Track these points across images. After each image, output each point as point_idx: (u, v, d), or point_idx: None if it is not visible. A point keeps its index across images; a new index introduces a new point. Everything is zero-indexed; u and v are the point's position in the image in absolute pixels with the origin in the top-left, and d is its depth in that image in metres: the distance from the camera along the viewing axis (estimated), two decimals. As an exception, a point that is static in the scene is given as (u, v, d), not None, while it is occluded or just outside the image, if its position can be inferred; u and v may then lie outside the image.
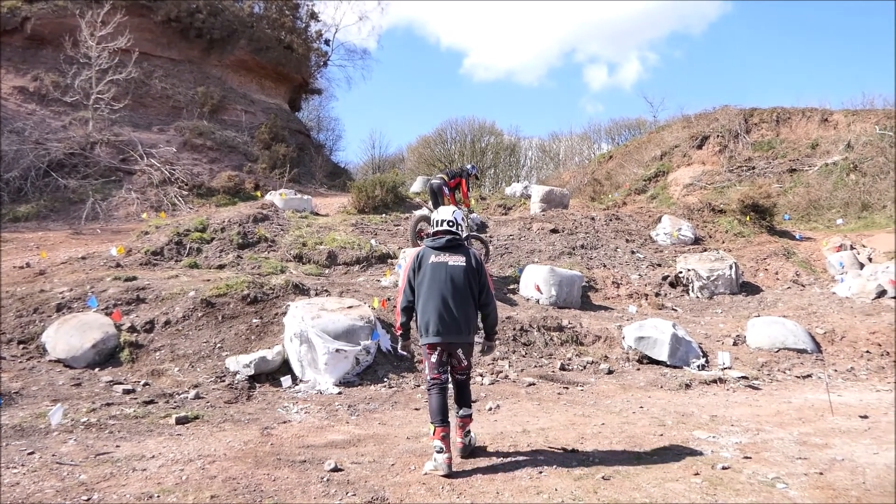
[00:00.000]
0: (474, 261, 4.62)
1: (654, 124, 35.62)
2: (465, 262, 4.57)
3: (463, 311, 4.51)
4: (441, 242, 4.64)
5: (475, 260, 4.64)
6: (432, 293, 4.51)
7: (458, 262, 4.56)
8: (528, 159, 45.44)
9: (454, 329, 4.47)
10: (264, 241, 12.49)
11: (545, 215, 16.71)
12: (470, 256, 4.62)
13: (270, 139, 22.63)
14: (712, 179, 22.86)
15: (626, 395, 7.01)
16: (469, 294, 4.55)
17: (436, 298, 4.49)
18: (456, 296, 4.50)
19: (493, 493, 3.92)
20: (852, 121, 23.93)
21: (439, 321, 4.46)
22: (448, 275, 4.53)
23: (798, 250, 15.56)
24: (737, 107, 26.62)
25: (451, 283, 4.51)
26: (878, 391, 7.44)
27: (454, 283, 4.51)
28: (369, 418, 5.81)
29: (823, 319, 10.45)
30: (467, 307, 4.54)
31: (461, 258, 4.58)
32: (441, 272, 4.54)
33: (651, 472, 4.32)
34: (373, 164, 43.34)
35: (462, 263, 4.56)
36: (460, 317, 4.49)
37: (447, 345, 4.52)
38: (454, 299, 4.49)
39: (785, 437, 5.31)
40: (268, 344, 7.33)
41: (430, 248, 4.67)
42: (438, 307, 4.47)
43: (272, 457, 4.53)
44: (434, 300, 4.49)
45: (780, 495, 3.91)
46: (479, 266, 4.63)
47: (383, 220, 15.40)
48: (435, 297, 4.49)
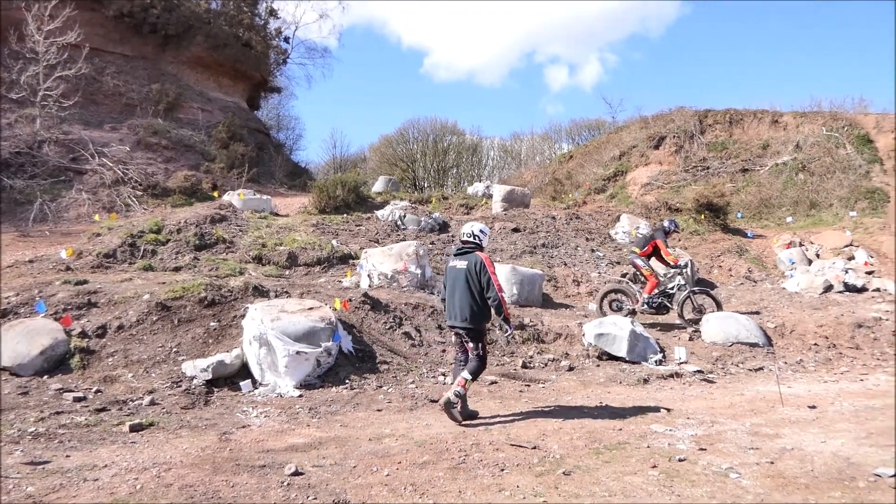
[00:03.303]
0: (474, 264, 5.66)
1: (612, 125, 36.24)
2: (465, 265, 5.70)
3: (462, 303, 5.64)
4: (457, 251, 5.97)
5: (475, 264, 5.66)
6: (447, 289, 5.86)
7: (461, 266, 5.73)
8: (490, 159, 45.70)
9: (458, 317, 5.67)
10: (222, 243, 12.26)
11: (507, 214, 16.84)
12: (471, 262, 5.70)
13: (228, 138, 22.20)
14: (669, 179, 23.38)
15: (587, 391, 7.12)
16: (468, 290, 5.63)
17: (449, 294, 5.81)
18: (460, 292, 5.67)
19: (456, 492, 3.93)
20: (801, 122, 24.79)
21: (449, 310, 5.81)
22: (455, 276, 5.77)
23: (750, 247, 16.05)
24: (692, 108, 27.28)
25: (457, 282, 5.72)
26: (825, 382, 7.73)
27: (458, 282, 5.70)
28: (331, 420, 5.75)
29: (774, 314, 10.80)
30: (468, 301, 5.62)
31: (464, 263, 5.73)
32: (452, 274, 5.81)
33: (610, 466, 4.40)
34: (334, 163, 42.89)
35: (464, 267, 5.71)
36: (461, 308, 5.64)
37: (451, 328, 5.90)
38: (458, 294, 5.68)
39: (738, 428, 5.47)
40: (226, 347, 7.19)
41: (453, 255, 6.02)
42: (450, 300, 5.79)
43: (231, 462, 4.44)
44: (448, 295, 5.82)
45: (733, 485, 4.02)
46: (480, 267, 5.63)
47: (345, 220, 15.28)
48: (449, 292, 5.82)
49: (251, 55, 26.18)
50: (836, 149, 22.54)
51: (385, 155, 41.57)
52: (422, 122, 41.35)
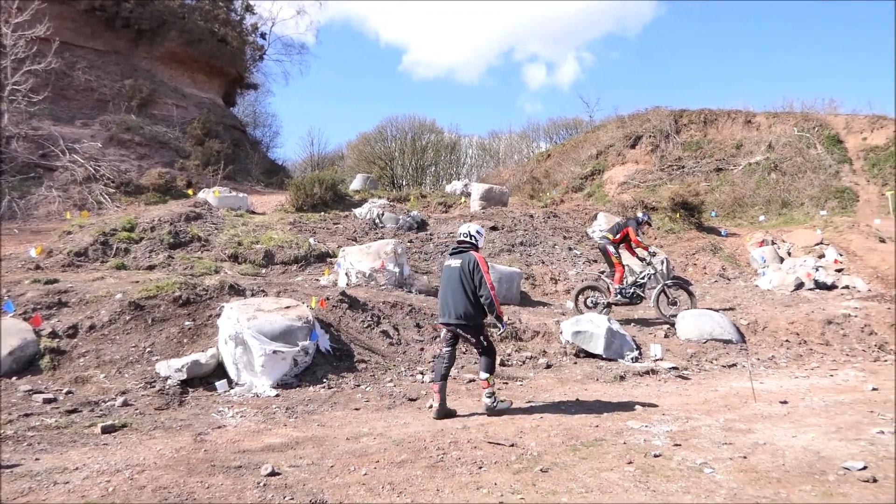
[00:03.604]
0: (467, 263, 5.81)
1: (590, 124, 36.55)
2: (459, 264, 5.86)
3: (456, 301, 5.78)
4: (453, 249, 6.12)
5: (468, 262, 5.81)
6: (442, 288, 5.99)
7: (456, 265, 5.88)
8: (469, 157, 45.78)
9: (452, 315, 5.79)
10: (197, 241, 12.10)
11: (485, 213, 16.88)
12: (465, 260, 5.84)
13: (203, 135, 21.89)
14: (645, 178, 23.65)
15: (564, 389, 7.16)
16: (462, 289, 5.77)
17: (443, 292, 5.95)
18: (454, 290, 5.81)
19: (434, 491, 3.93)
20: (773, 122, 25.25)
21: (442, 308, 5.92)
22: (449, 274, 5.90)
23: (724, 246, 16.31)
24: (668, 108, 27.65)
25: (450, 280, 5.86)
26: (796, 378, 7.88)
27: (452, 281, 5.84)
28: (308, 420, 5.71)
29: (747, 311, 10.98)
30: (461, 298, 5.76)
31: (458, 261, 5.88)
32: (447, 272, 5.96)
33: (587, 462, 4.43)
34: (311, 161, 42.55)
35: (457, 265, 5.87)
36: (454, 305, 5.78)
37: (444, 325, 5.94)
38: (452, 293, 5.82)
39: (712, 423, 5.55)
40: (201, 347, 7.10)
41: (448, 255, 6.15)
42: (443, 297, 5.94)
43: (206, 463, 4.38)
44: (442, 293, 5.97)
45: (707, 480, 4.08)
46: (473, 266, 5.77)
47: (322, 218, 15.19)
48: (443, 290, 5.96)
49: (227, 51, 25.83)
50: (807, 149, 23.01)
51: (363, 153, 41.39)
52: (400, 120, 41.28)
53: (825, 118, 24.88)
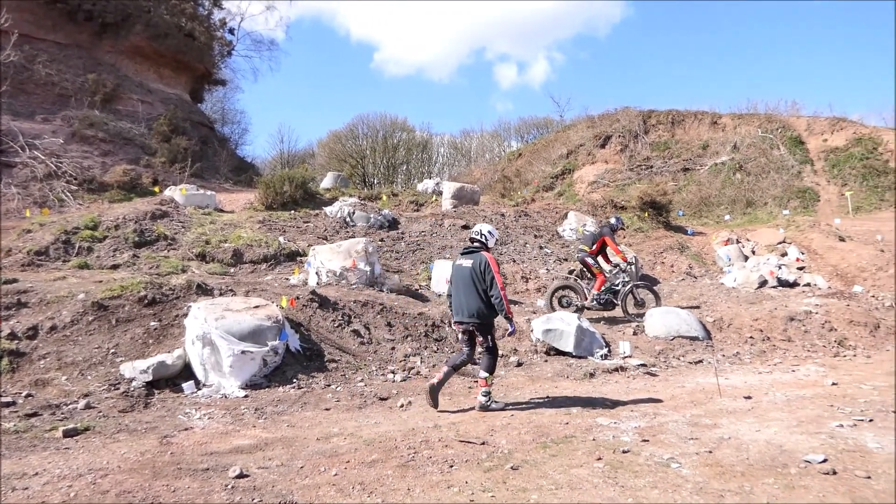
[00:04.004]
0: (479, 264, 5.92)
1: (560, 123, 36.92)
2: (471, 264, 5.96)
3: (469, 300, 5.91)
4: (465, 249, 6.25)
5: (480, 263, 5.92)
6: (453, 287, 6.14)
7: (466, 264, 6.00)
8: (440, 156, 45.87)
9: (465, 313, 5.94)
10: (164, 240, 11.87)
11: (456, 211, 16.89)
12: (476, 261, 5.95)
13: (170, 131, 21.43)
14: (614, 177, 23.97)
15: (535, 387, 7.21)
16: (474, 288, 5.89)
17: (455, 291, 6.08)
18: (466, 289, 5.94)
19: (405, 490, 3.92)
20: (738, 124, 25.81)
21: (455, 307, 6.08)
22: (461, 274, 6.02)
23: (691, 244, 16.60)
24: (636, 108, 28.10)
25: (462, 280, 5.98)
26: (760, 373, 8.07)
27: (464, 280, 5.96)
28: (277, 421, 5.65)
29: (713, 308, 11.20)
30: (473, 297, 5.89)
31: (469, 261, 6.00)
32: (458, 272, 6.07)
33: (557, 459, 4.47)
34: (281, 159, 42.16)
35: (469, 265, 5.97)
36: (467, 304, 5.92)
37: (458, 323, 6.06)
38: (464, 291, 5.96)
39: (679, 419, 5.65)
40: (168, 348, 6.96)
41: (459, 254, 6.28)
42: (455, 297, 6.07)
43: (172, 466, 4.30)
44: (455, 292, 6.10)
45: (674, 474, 4.14)
46: (484, 267, 5.88)
47: (292, 216, 15.03)
48: (455, 290, 6.09)
49: (194, 46, 25.34)
50: (770, 150, 23.59)
51: (334, 151, 41.12)
52: (371, 118, 41.13)
53: (788, 120, 25.56)
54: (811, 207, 20.23)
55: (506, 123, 45.09)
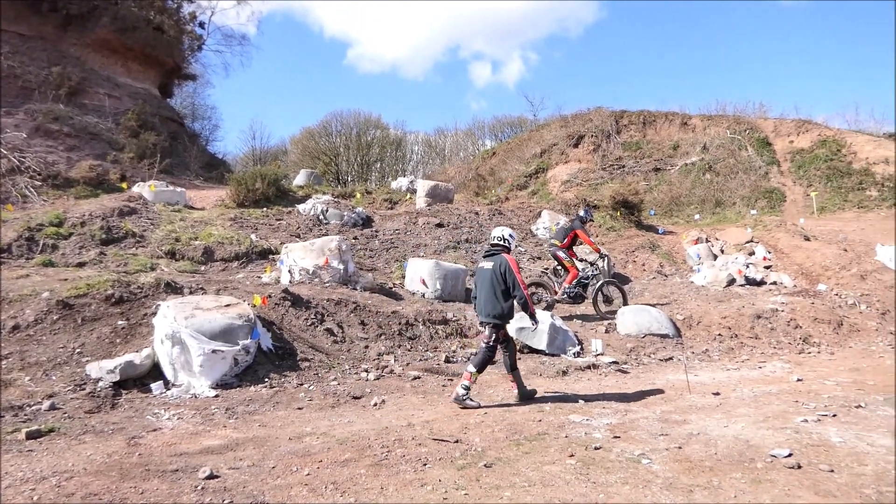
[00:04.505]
0: (499, 266, 6.23)
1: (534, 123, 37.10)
2: (492, 266, 6.29)
3: (489, 301, 6.21)
4: (486, 252, 6.57)
5: (500, 265, 6.23)
6: (476, 287, 6.47)
7: (488, 267, 6.32)
8: (415, 154, 45.75)
9: (484, 313, 6.25)
10: (132, 237, 11.63)
11: (431, 210, 16.87)
12: (497, 263, 6.27)
13: (138, 126, 20.99)
14: (587, 177, 24.18)
15: (508, 384, 7.22)
16: (493, 289, 6.19)
17: (477, 291, 6.42)
18: (486, 290, 6.25)
19: (378, 489, 3.90)
20: (707, 125, 26.26)
21: (478, 307, 6.42)
22: (482, 275, 6.36)
23: (662, 243, 16.84)
24: (609, 108, 28.37)
25: (483, 281, 6.30)
26: (728, 370, 8.23)
27: (485, 281, 6.28)
28: (249, 421, 5.58)
29: (683, 306, 11.39)
30: (493, 298, 6.18)
31: (490, 264, 6.32)
32: (481, 273, 6.41)
33: (530, 457, 4.50)
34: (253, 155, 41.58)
35: (490, 267, 6.30)
36: (486, 304, 6.23)
37: (482, 322, 6.39)
38: (485, 292, 6.26)
39: (649, 415, 5.73)
40: (136, 347, 6.82)
41: (482, 257, 6.63)
42: (477, 296, 6.41)
43: (140, 468, 4.22)
44: (477, 292, 6.43)
45: (644, 470, 4.20)
46: (505, 268, 6.19)
47: (264, 214, 14.85)
48: (477, 290, 6.43)
49: (163, 40, 24.83)
50: (738, 150, 24.05)
51: (307, 148, 40.75)
52: (345, 115, 40.86)
53: (755, 121, 26.09)
54: (778, 207, 20.69)
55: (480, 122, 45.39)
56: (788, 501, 3.68)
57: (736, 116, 26.76)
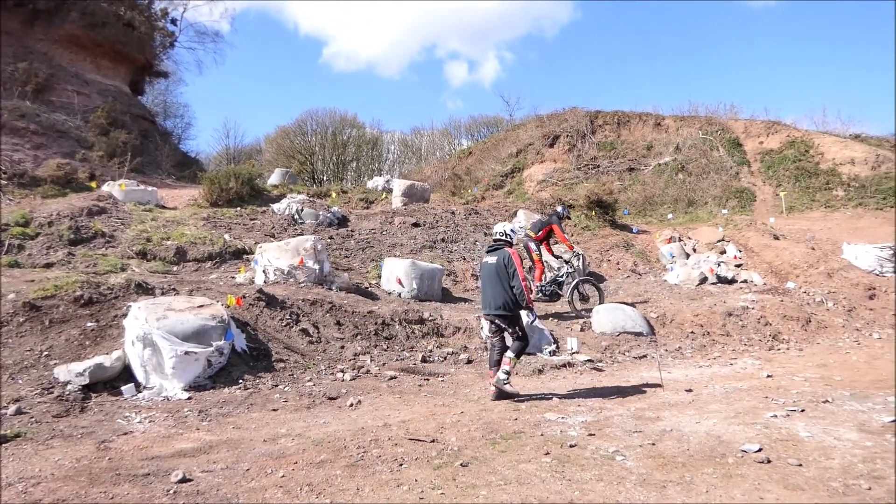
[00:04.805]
0: (503, 259, 6.41)
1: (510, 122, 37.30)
2: (495, 260, 6.46)
3: (495, 294, 6.37)
4: (490, 247, 6.77)
5: (504, 258, 6.41)
6: (482, 282, 6.66)
7: (492, 261, 6.51)
8: (391, 153, 45.62)
9: (493, 306, 6.40)
10: (101, 237, 11.40)
11: (407, 209, 16.84)
12: (500, 256, 6.45)
13: (108, 124, 20.57)
14: (563, 176, 24.36)
15: (484, 383, 7.25)
16: (500, 282, 6.36)
17: (483, 285, 6.61)
18: (492, 284, 6.42)
19: (354, 490, 3.88)
20: (680, 125, 26.64)
21: (484, 301, 6.59)
22: (487, 269, 6.54)
23: (636, 242, 17.04)
24: (584, 109, 28.61)
25: (489, 275, 6.48)
26: (700, 367, 8.36)
27: (490, 275, 6.47)
28: (222, 423, 5.51)
29: (657, 305, 11.54)
30: (499, 291, 6.34)
31: (495, 258, 6.49)
32: (486, 268, 6.58)
33: (506, 455, 4.51)
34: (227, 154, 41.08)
35: (494, 261, 6.48)
36: (493, 297, 6.40)
37: (486, 315, 6.62)
38: (491, 286, 6.44)
39: (624, 413, 5.80)
40: (106, 349, 6.69)
41: (485, 252, 6.85)
42: (484, 291, 6.59)
43: (110, 472, 4.14)
44: (483, 287, 6.62)
45: (619, 467, 4.25)
46: (507, 261, 6.37)
47: (238, 213, 14.68)
48: (483, 284, 6.62)
49: (133, 36, 24.36)
50: (710, 151, 24.45)
51: (282, 147, 40.37)
52: (320, 114, 40.57)
53: (726, 122, 26.55)
54: (748, 207, 21.08)
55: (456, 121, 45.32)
56: (758, 495, 3.75)
57: (708, 117, 27.21)
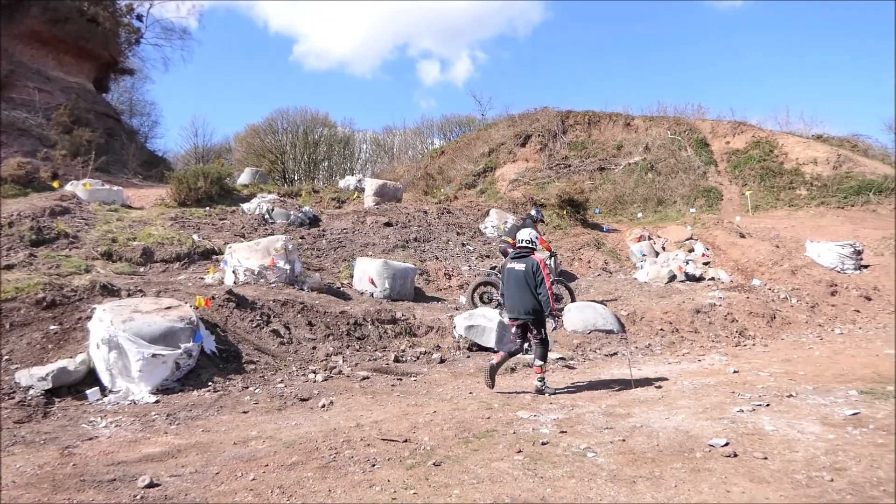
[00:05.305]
0: (530, 266, 6.69)
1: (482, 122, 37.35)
2: (523, 267, 6.73)
3: (523, 299, 6.65)
4: (515, 254, 6.99)
5: (531, 266, 6.69)
6: (507, 288, 6.85)
7: (519, 268, 6.76)
8: (363, 152, 45.34)
9: (521, 311, 6.68)
10: (65, 238, 11.12)
11: (379, 209, 16.78)
12: (528, 264, 6.72)
13: (71, 122, 20.09)
14: (534, 176, 24.51)
15: (457, 383, 7.28)
16: (528, 288, 6.63)
17: (509, 292, 6.80)
18: (520, 290, 6.67)
19: (325, 492, 3.85)
20: (649, 126, 27.03)
21: (510, 306, 6.80)
22: (514, 276, 6.77)
23: (606, 241, 17.25)
24: (555, 109, 28.83)
25: (517, 281, 6.72)
26: (669, 363, 8.49)
27: (517, 281, 6.72)
28: (191, 426, 5.41)
29: (627, 302, 11.69)
30: (528, 296, 6.63)
31: (522, 265, 6.76)
32: (512, 274, 6.80)
33: (479, 454, 4.52)
34: (196, 153, 40.36)
35: (522, 268, 6.74)
36: (519, 303, 6.68)
37: (513, 320, 6.82)
38: (517, 291, 6.70)
39: (595, 410, 5.86)
40: (69, 353, 6.52)
41: (510, 258, 7.07)
42: (510, 296, 6.79)
43: (74, 479, 4.04)
44: (508, 292, 6.82)
45: (590, 463, 4.29)
46: (535, 269, 6.66)
47: (207, 213, 14.45)
48: (509, 290, 6.81)
49: (98, 32, 23.82)
50: (678, 151, 24.86)
51: (252, 146, 39.82)
52: (291, 113, 40.11)
53: (694, 123, 27.04)
54: (715, 206, 21.49)
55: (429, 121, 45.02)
56: (725, 489, 3.83)
57: (676, 118, 27.67)
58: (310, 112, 40.48)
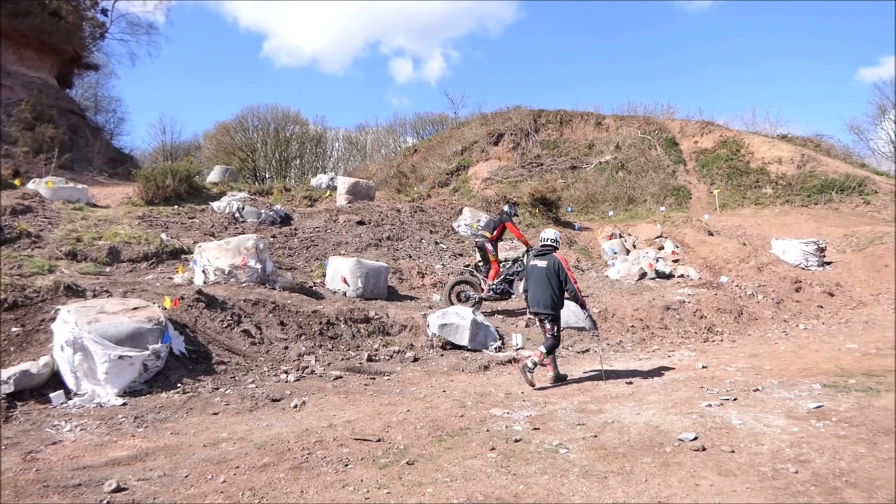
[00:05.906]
0: (553, 264, 7.08)
1: (455, 120, 37.37)
2: (546, 264, 7.11)
3: (545, 295, 7.03)
4: (538, 251, 7.40)
5: (554, 263, 7.08)
6: (530, 283, 7.25)
7: (542, 265, 7.15)
8: (335, 150, 45.01)
9: (541, 305, 7.07)
10: (27, 237, 10.80)
11: (352, 207, 16.68)
12: (550, 262, 7.11)
13: (33, 119, 19.55)
14: (507, 174, 24.63)
15: (431, 381, 7.28)
16: (549, 285, 7.03)
17: (532, 287, 7.18)
18: (542, 286, 7.07)
19: (298, 493, 3.82)
20: (620, 125, 27.36)
21: (532, 300, 7.19)
22: (537, 273, 7.16)
23: (578, 239, 17.41)
24: (527, 107, 29.00)
25: (539, 278, 7.11)
26: (640, 360, 8.61)
27: (539, 278, 7.11)
28: (160, 429, 5.31)
29: (599, 300, 11.81)
30: (548, 292, 7.02)
31: (545, 262, 7.14)
32: (536, 271, 7.19)
33: (452, 452, 4.53)
34: (164, 150, 39.57)
35: (544, 265, 7.12)
36: (541, 298, 7.06)
37: (535, 313, 7.28)
38: (540, 288, 7.09)
39: (567, 406, 5.92)
40: (32, 355, 6.35)
41: (534, 256, 7.48)
42: (532, 292, 7.17)
43: (38, 484, 3.93)
44: (531, 287, 7.21)
45: (562, 459, 4.33)
46: (558, 267, 7.05)
47: (175, 212, 14.19)
48: (532, 286, 7.19)
49: (60, 26, 23.21)
50: (648, 150, 25.23)
51: (222, 143, 39.23)
52: (262, 110, 39.62)
53: (663, 122, 27.46)
54: (684, 204, 21.86)
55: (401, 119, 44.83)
56: (694, 482, 3.90)
57: (646, 117, 28.06)
58: (281, 109, 40.07)
